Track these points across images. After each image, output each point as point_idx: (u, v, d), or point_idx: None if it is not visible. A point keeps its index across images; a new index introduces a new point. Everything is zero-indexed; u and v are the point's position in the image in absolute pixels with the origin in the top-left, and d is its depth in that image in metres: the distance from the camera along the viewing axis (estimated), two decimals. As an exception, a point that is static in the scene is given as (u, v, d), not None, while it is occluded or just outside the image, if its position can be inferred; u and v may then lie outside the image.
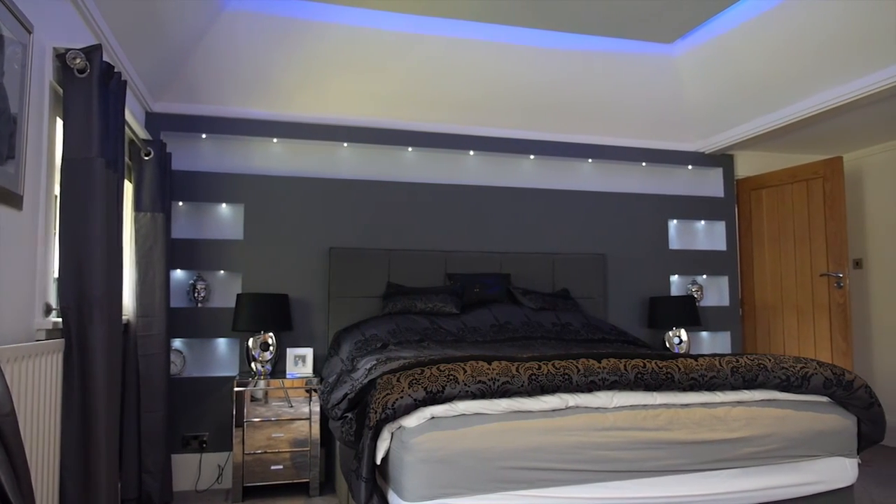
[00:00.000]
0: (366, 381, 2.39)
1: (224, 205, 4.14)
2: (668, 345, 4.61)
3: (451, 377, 2.07)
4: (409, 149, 4.46)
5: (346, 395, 2.59)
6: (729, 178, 5.18)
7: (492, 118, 4.51)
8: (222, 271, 4.07)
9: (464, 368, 2.12)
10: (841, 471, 2.43)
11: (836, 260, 4.64)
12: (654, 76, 4.36)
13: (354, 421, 2.34)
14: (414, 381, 2.06)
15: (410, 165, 4.50)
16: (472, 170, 4.63)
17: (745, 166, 5.31)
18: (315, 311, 4.13)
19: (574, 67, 4.22)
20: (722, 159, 5.16)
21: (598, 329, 3.94)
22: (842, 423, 2.45)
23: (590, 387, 2.19)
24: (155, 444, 3.40)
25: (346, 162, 4.38)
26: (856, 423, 2.49)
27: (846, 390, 2.42)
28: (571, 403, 2.17)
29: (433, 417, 2.04)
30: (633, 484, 2.14)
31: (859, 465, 2.51)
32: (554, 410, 2.15)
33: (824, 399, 2.48)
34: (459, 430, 2.00)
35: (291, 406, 3.64)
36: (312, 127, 4.24)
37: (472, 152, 4.57)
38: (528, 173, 4.74)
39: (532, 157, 4.71)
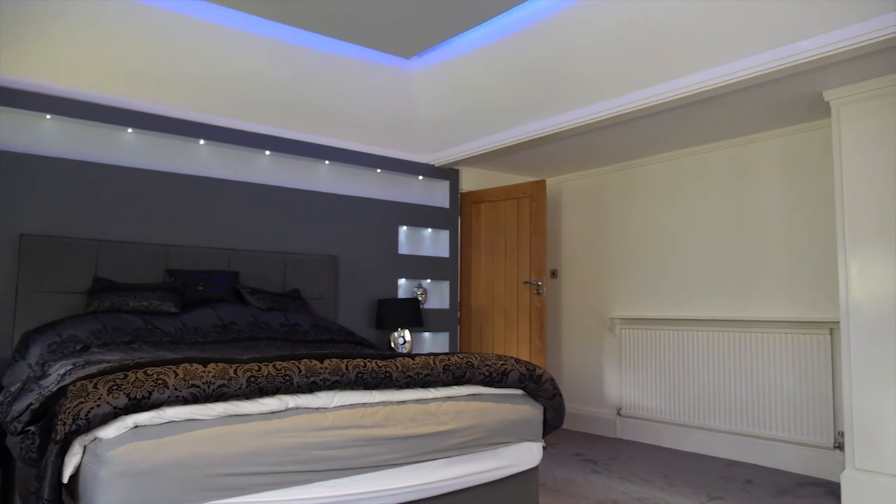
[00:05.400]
0: (55, 388, 2.09)
1: None
2: (393, 345, 4.82)
3: (160, 381, 1.91)
4: (129, 130, 4.03)
5: (30, 405, 2.23)
6: (454, 191, 5.62)
7: (226, 108, 4.28)
8: None
9: (175, 372, 1.97)
10: (529, 454, 2.76)
11: (537, 269, 5.31)
12: (391, 88, 4.55)
13: (38, 435, 2.03)
14: (115, 387, 1.85)
15: (130, 148, 4.06)
16: (202, 160, 4.34)
17: (469, 181, 5.81)
18: (-3, 308, 3.50)
19: (315, 67, 4.21)
20: (449, 173, 5.58)
21: (326, 330, 3.96)
22: (531, 412, 2.80)
23: (311, 387, 2.19)
24: None
25: (49, 136, 3.79)
26: (542, 412, 2.87)
27: (536, 383, 2.78)
28: (291, 405, 2.14)
29: (136, 426, 1.85)
30: (349, 481, 2.18)
31: (543, 447, 2.89)
32: (273, 413, 2.10)
33: (519, 392, 2.80)
34: (166, 439, 1.85)
35: (-42, 422, 3.03)
36: (4, 90, 3.59)
37: (202, 141, 4.28)
38: (263, 169, 4.60)
39: (268, 153, 4.58)
